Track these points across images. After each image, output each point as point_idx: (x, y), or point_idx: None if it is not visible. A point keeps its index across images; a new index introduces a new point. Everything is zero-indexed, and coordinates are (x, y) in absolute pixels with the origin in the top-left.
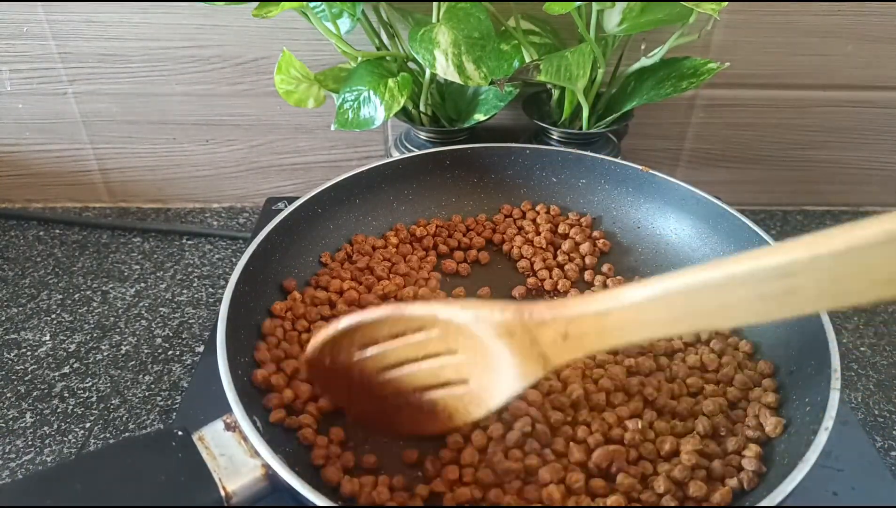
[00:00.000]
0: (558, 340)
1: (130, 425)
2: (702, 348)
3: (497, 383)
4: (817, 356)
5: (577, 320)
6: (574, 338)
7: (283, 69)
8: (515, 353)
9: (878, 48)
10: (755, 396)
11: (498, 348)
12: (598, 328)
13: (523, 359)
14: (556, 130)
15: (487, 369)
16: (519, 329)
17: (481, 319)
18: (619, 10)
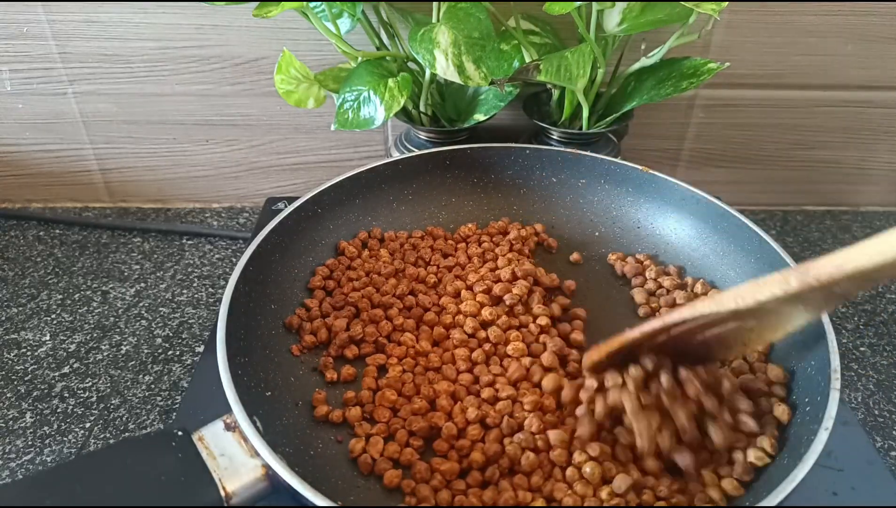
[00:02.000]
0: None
1: (130, 425)
2: None
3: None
4: (817, 356)
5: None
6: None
7: (283, 69)
8: (809, 308)
9: (878, 48)
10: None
11: (787, 311)
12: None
13: (818, 309)
14: (556, 130)
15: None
16: (810, 294)
17: (764, 303)
18: (619, 10)
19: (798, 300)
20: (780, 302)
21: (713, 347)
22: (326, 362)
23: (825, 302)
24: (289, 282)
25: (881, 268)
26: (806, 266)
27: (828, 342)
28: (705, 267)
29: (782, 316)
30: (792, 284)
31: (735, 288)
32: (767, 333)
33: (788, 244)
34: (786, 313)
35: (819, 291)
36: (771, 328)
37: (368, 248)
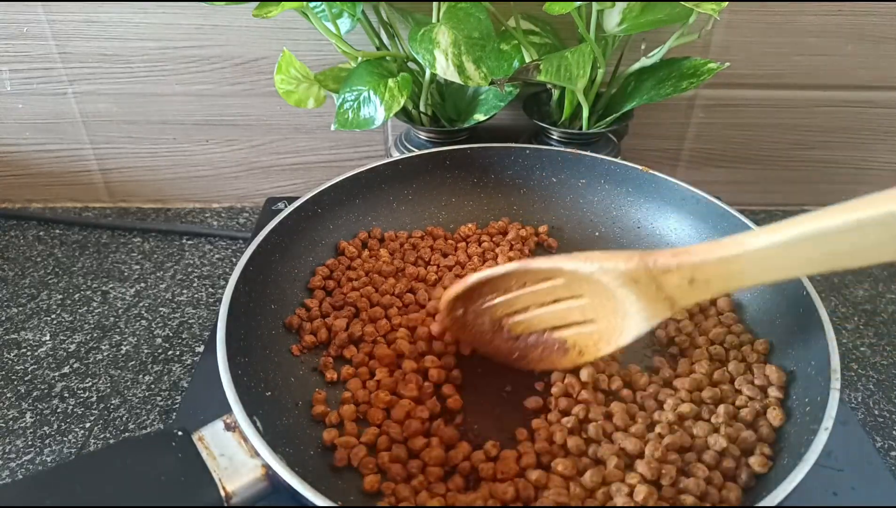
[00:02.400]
0: (684, 285)
1: (130, 425)
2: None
3: (625, 324)
4: (817, 356)
5: (701, 266)
6: (700, 283)
7: (283, 69)
8: (641, 298)
9: (878, 48)
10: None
11: (623, 294)
12: (723, 273)
13: (649, 303)
14: (556, 130)
15: (614, 312)
16: (644, 277)
17: (606, 270)
18: (619, 10)
19: (634, 284)
20: (617, 279)
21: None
22: (326, 362)
23: (658, 300)
24: (289, 282)
25: (722, 266)
26: (649, 252)
27: (827, 342)
28: None
29: (616, 309)
30: (631, 261)
31: (586, 253)
32: (601, 332)
33: None
34: (620, 305)
35: (653, 280)
36: (604, 323)
37: (368, 248)
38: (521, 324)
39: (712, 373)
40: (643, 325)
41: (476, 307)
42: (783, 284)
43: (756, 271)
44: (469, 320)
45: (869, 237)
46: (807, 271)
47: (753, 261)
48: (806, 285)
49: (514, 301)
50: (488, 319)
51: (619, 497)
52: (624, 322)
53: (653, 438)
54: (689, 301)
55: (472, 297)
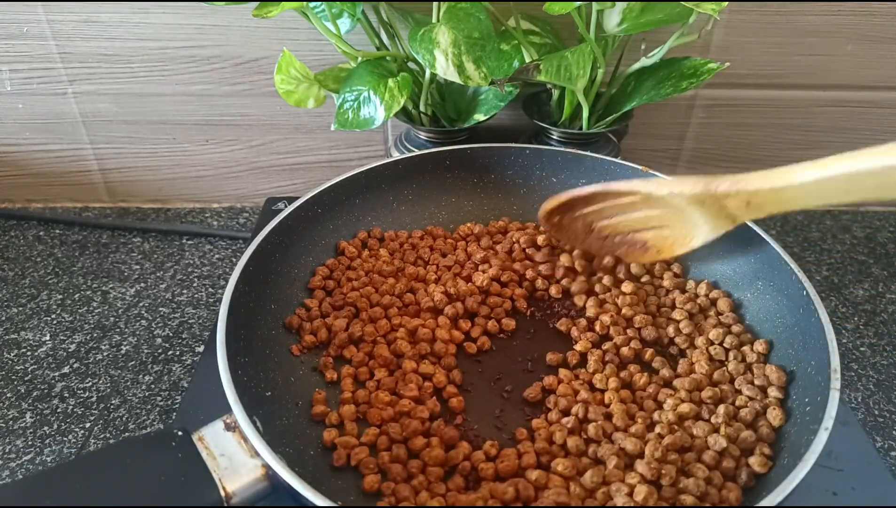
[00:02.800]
0: (742, 206)
1: (130, 425)
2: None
3: (695, 232)
4: (817, 356)
5: (757, 193)
6: (755, 205)
7: (283, 69)
8: (706, 215)
9: (878, 48)
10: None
11: (692, 211)
12: (775, 199)
13: (714, 218)
14: (556, 130)
15: (686, 222)
16: (708, 199)
17: (675, 193)
18: (619, 10)
19: (700, 205)
20: (686, 200)
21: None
22: (326, 362)
23: (721, 217)
24: (289, 282)
25: (774, 194)
26: (712, 178)
27: (827, 342)
28: (705, 267)
29: (687, 220)
30: (698, 186)
31: (659, 178)
32: (675, 237)
33: (788, 244)
34: (690, 219)
35: (716, 201)
36: (678, 230)
37: (368, 248)
38: (608, 227)
39: (712, 373)
40: (710, 233)
41: (570, 215)
42: (783, 285)
43: (800, 198)
44: (565, 224)
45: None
46: (843, 199)
47: (799, 191)
48: (806, 285)
49: (602, 210)
50: (581, 223)
51: (619, 497)
52: (694, 230)
53: (653, 438)
54: (747, 218)
55: (565, 209)
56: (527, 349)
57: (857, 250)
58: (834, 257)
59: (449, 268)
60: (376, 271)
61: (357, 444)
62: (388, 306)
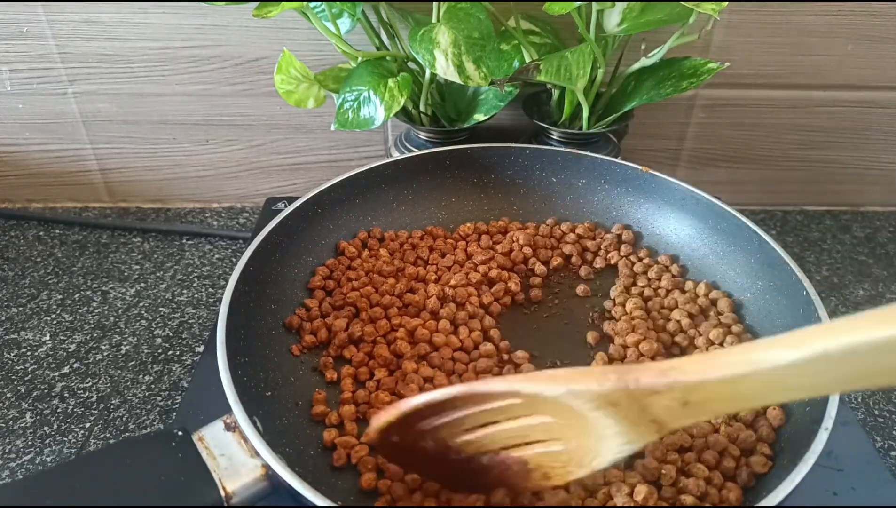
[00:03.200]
0: (675, 407)
1: (130, 425)
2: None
3: (600, 447)
4: None
5: (698, 387)
6: (696, 405)
7: (283, 69)
8: (622, 421)
9: (878, 48)
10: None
11: (597, 417)
12: (728, 394)
13: (631, 426)
14: (556, 130)
15: (586, 433)
16: (624, 399)
17: (576, 393)
18: (619, 10)
19: (611, 407)
20: (591, 402)
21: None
22: (326, 362)
23: (642, 423)
24: (289, 282)
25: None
26: (630, 368)
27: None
28: (705, 267)
29: (589, 430)
30: (607, 381)
31: (551, 372)
32: (571, 454)
33: (788, 244)
34: (594, 428)
35: (635, 401)
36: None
37: (368, 248)
38: (471, 444)
39: None
40: (624, 449)
41: (413, 432)
42: (783, 285)
43: (768, 392)
44: (407, 444)
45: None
46: (833, 390)
47: (766, 381)
48: (806, 285)
49: (461, 422)
50: (431, 442)
51: (619, 496)
52: (599, 444)
53: None
54: (682, 423)
55: (409, 422)
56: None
57: (857, 250)
58: (834, 257)
59: (449, 268)
60: (376, 271)
61: (357, 443)
62: (388, 306)
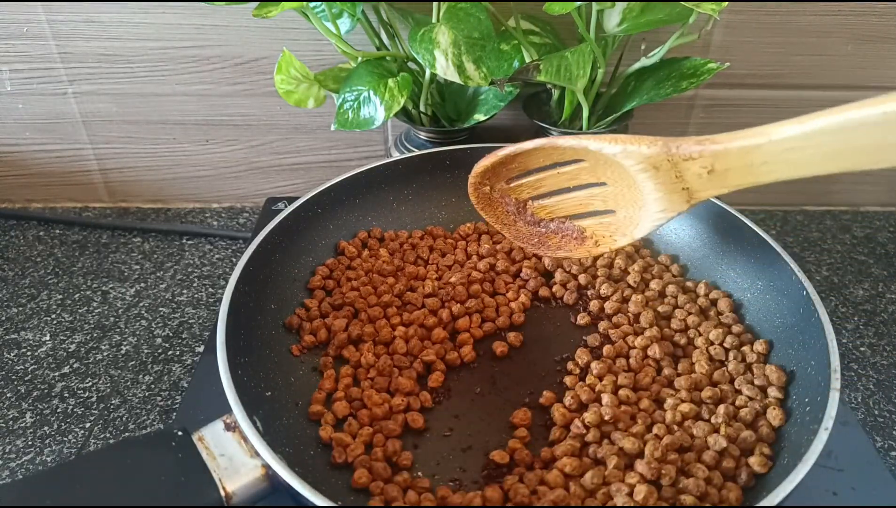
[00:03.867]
0: (703, 174)
1: (130, 425)
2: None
3: (641, 215)
4: (817, 356)
5: (723, 155)
6: (719, 173)
7: (283, 69)
8: (660, 186)
9: (878, 48)
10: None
11: (643, 180)
12: (743, 163)
13: (667, 192)
14: (556, 130)
15: (632, 201)
16: (665, 163)
17: (629, 152)
18: (619, 10)
19: (654, 171)
20: (639, 163)
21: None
22: (326, 362)
23: (676, 191)
24: (289, 282)
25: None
26: (673, 138)
27: (827, 342)
28: (705, 267)
29: (635, 198)
30: (655, 145)
31: (612, 134)
32: (618, 223)
33: (788, 244)
34: (639, 194)
35: (673, 166)
36: (622, 213)
37: (368, 248)
38: (544, 208)
39: (712, 373)
40: (658, 217)
41: (502, 186)
42: (783, 285)
43: (774, 165)
44: (495, 197)
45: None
46: (829, 168)
47: (775, 152)
48: (806, 285)
49: (539, 183)
50: (514, 199)
51: (619, 497)
52: (641, 213)
53: (652, 438)
54: (706, 193)
55: (500, 173)
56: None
57: (857, 250)
58: (834, 257)
59: (449, 267)
60: (376, 270)
61: (352, 442)
62: (387, 306)
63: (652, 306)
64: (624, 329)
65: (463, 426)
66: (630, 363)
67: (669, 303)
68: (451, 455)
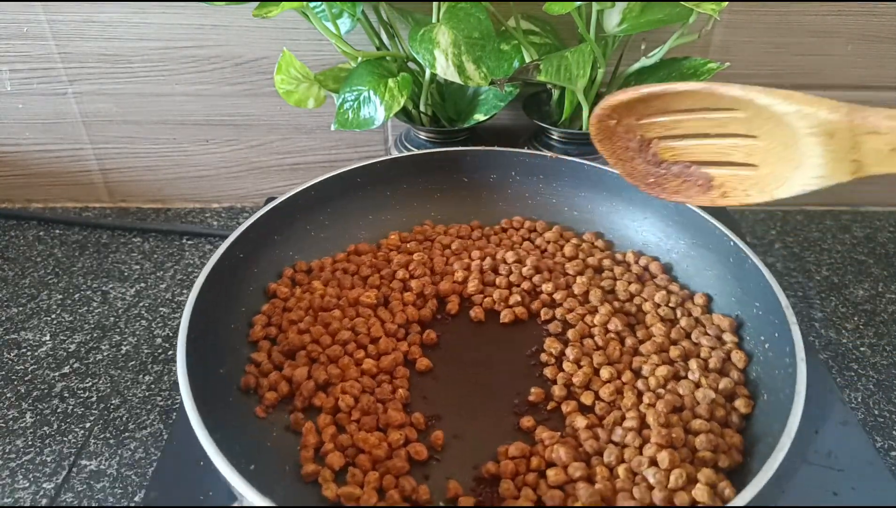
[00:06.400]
0: (884, 151)
1: (130, 425)
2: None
3: (792, 176)
4: (760, 298)
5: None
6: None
7: (283, 69)
8: (827, 154)
9: (878, 48)
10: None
11: (808, 144)
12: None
13: (833, 161)
14: (556, 130)
15: (785, 160)
16: (843, 132)
17: (804, 114)
18: (619, 10)
19: (827, 138)
20: (813, 127)
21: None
22: (297, 418)
23: (845, 162)
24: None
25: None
26: (860, 106)
27: (770, 284)
28: (627, 237)
29: (792, 158)
30: (838, 112)
31: (787, 91)
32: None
33: (788, 244)
34: (799, 155)
35: (852, 138)
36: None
37: (298, 284)
38: (671, 150)
39: (669, 333)
40: (812, 183)
41: (631, 122)
42: (707, 239)
43: None
44: (619, 132)
45: None
46: None
47: None
48: (731, 236)
49: (676, 124)
50: (639, 136)
51: (644, 470)
52: (793, 174)
53: (646, 407)
54: (877, 169)
55: (635, 109)
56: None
57: (857, 250)
58: (834, 257)
59: (389, 280)
60: (318, 307)
61: (362, 493)
62: (346, 342)
63: (595, 282)
64: (579, 311)
65: (466, 443)
66: (597, 342)
67: (608, 277)
68: (465, 474)
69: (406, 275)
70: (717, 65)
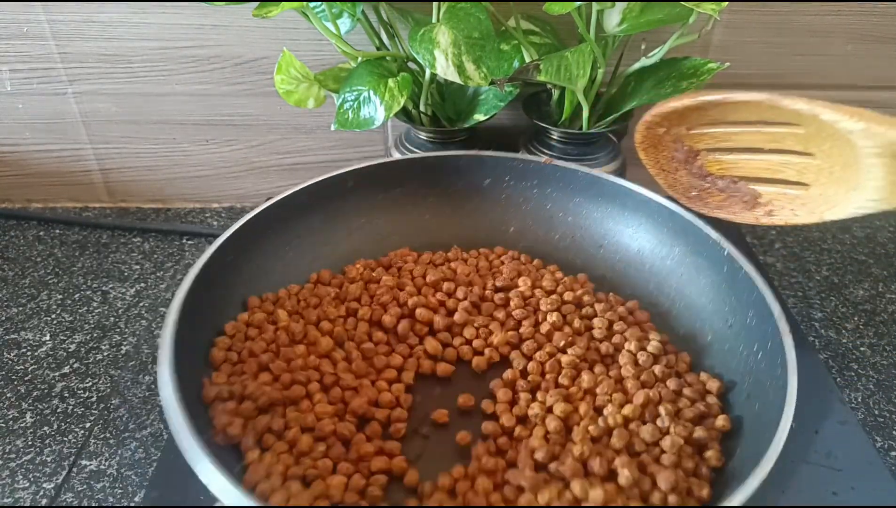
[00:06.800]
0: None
1: (130, 425)
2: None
3: (846, 198)
4: (754, 307)
5: None
6: None
7: (283, 69)
8: (888, 176)
9: (878, 48)
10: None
11: (872, 165)
12: None
13: (893, 184)
14: (556, 130)
15: (842, 181)
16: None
17: (871, 134)
18: (619, 10)
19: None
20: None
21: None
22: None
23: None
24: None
25: None
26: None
27: (763, 295)
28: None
29: (850, 178)
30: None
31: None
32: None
33: (788, 244)
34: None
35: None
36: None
37: (254, 325)
38: (719, 163)
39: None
40: (868, 206)
41: (681, 131)
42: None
43: None
44: (666, 141)
45: None
46: None
47: None
48: (725, 245)
49: (728, 137)
50: (687, 146)
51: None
52: (847, 195)
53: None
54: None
55: (687, 118)
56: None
57: (857, 250)
58: (834, 257)
59: (354, 313)
60: (281, 342)
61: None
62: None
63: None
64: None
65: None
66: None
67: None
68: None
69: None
70: (717, 65)
